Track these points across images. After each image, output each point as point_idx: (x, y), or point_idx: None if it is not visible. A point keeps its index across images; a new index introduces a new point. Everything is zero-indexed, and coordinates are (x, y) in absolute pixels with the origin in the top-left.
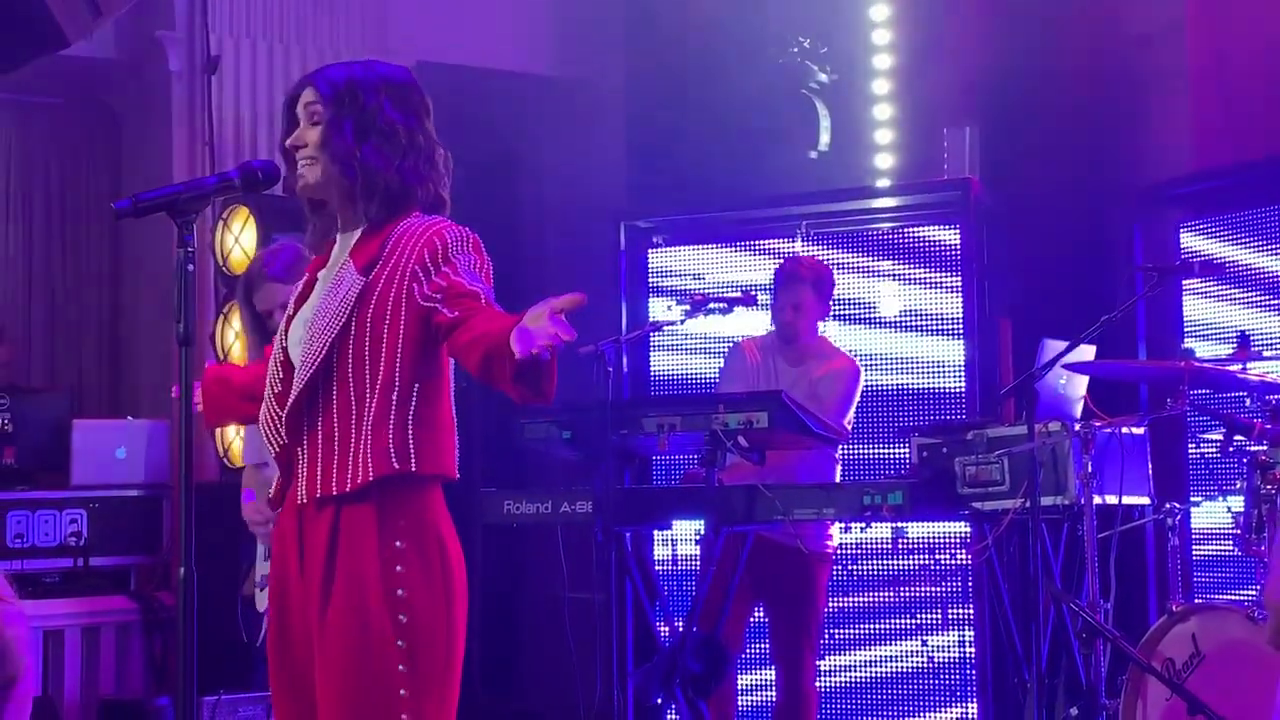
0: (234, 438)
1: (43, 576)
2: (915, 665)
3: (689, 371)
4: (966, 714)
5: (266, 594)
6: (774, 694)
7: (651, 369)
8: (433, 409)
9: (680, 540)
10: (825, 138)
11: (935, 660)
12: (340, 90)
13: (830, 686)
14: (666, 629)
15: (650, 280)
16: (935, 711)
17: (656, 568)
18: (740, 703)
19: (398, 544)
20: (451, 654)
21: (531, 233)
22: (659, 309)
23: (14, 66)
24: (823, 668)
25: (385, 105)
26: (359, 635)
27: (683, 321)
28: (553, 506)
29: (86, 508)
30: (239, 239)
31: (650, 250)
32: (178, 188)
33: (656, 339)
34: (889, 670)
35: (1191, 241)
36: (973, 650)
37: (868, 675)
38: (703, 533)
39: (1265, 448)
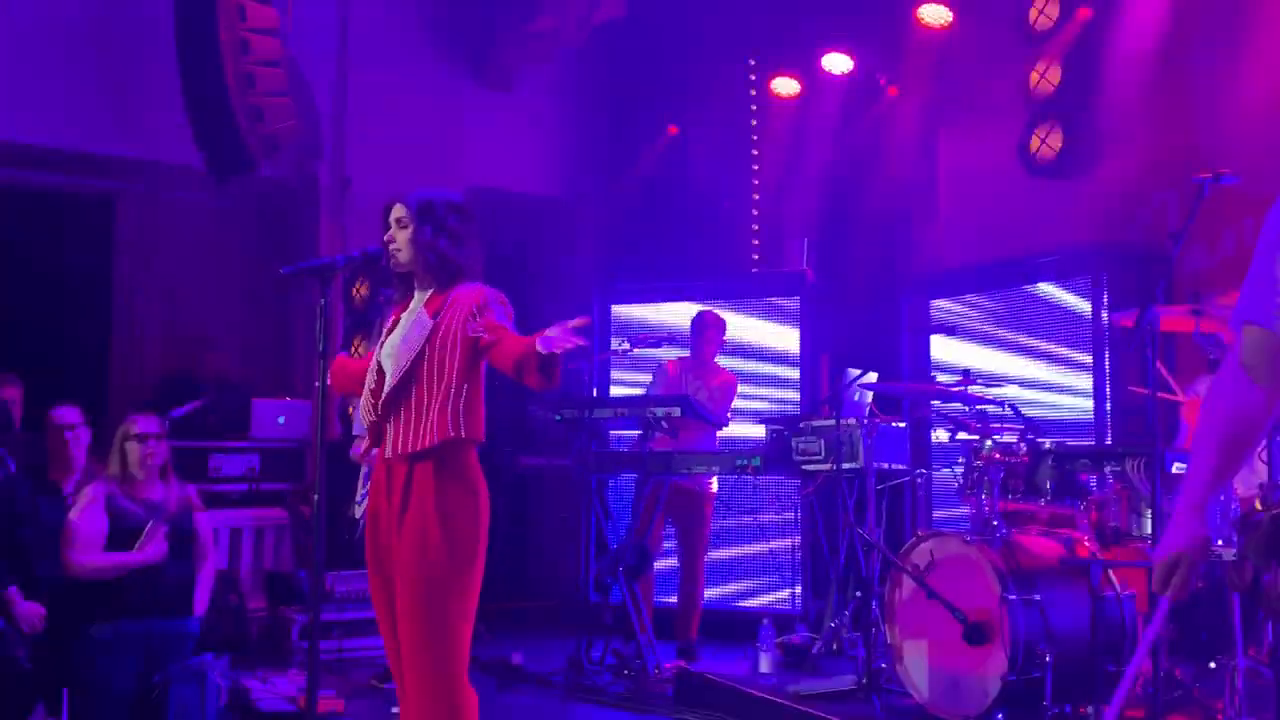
0: (351, 413)
1: (230, 494)
2: (763, 561)
3: (634, 380)
4: (795, 594)
5: (362, 507)
6: (678, 579)
7: (611, 378)
8: (473, 398)
9: (625, 484)
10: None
11: (777, 559)
12: (423, 206)
13: (712, 568)
14: (614, 538)
15: (613, 325)
16: (776, 591)
17: (610, 500)
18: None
19: (449, 488)
20: (478, 559)
21: (532, 297)
22: (616, 343)
23: (224, 180)
24: (707, 561)
25: (451, 218)
26: (421, 549)
27: (631, 350)
28: (549, 460)
29: (259, 452)
30: (359, 291)
31: (613, 305)
32: (321, 261)
33: (614, 360)
34: (747, 564)
35: (937, 311)
36: (799, 554)
37: (734, 567)
38: (638, 479)
39: (976, 438)
